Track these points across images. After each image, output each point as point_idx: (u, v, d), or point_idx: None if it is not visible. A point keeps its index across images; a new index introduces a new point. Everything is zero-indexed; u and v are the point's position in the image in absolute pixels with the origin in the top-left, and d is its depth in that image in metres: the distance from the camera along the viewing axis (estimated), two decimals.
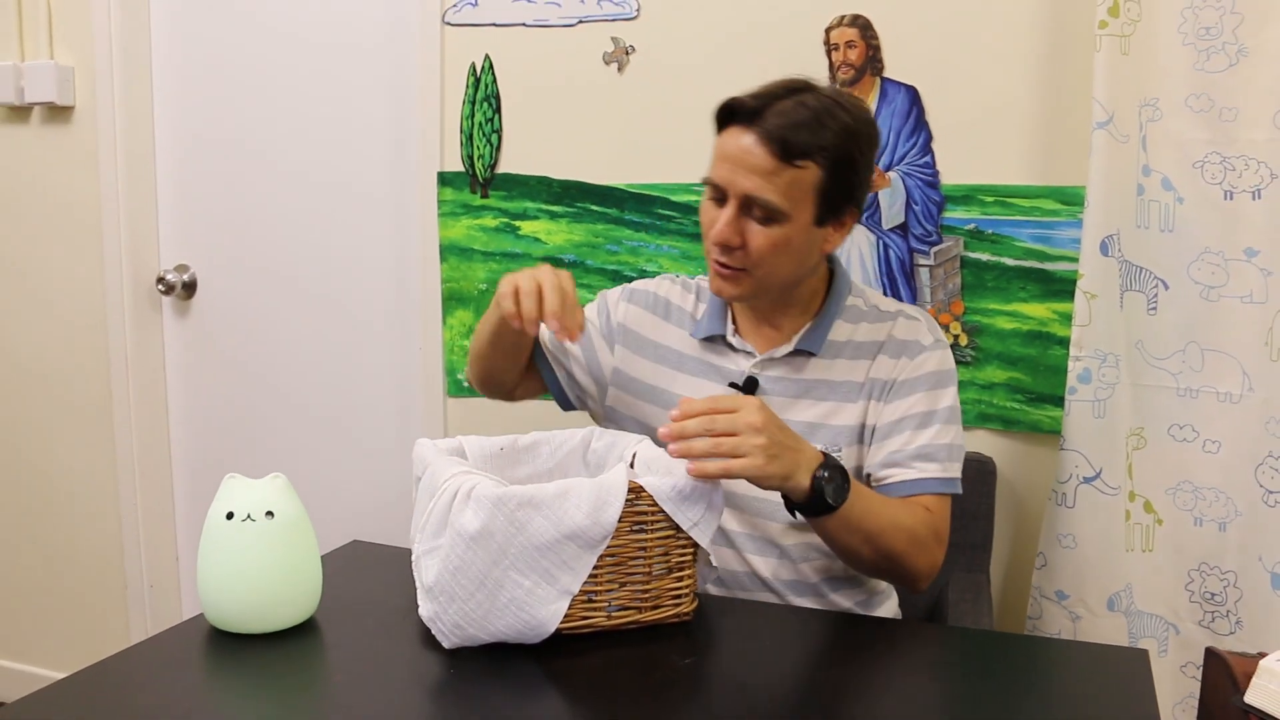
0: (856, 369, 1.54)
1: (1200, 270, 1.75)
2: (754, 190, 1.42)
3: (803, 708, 1.10)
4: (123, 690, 1.13)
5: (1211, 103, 1.71)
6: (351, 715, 1.08)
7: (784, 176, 1.41)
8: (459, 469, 1.23)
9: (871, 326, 1.57)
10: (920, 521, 1.44)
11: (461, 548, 1.16)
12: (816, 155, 1.41)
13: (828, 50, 2.03)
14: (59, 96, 2.59)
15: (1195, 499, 1.79)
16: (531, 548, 1.17)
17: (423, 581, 1.21)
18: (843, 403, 1.53)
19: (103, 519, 2.79)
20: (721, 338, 1.59)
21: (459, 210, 2.35)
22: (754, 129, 1.41)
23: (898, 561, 1.42)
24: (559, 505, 1.17)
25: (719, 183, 1.45)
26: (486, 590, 1.17)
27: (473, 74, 2.30)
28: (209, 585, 1.23)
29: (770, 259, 1.45)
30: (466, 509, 1.16)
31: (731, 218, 1.44)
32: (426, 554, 1.20)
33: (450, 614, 1.17)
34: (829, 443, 1.51)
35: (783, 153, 1.40)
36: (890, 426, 1.51)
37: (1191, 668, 1.81)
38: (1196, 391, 1.78)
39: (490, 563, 1.16)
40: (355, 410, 2.61)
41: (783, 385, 1.55)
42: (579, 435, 1.47)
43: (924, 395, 1.51)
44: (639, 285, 1.70)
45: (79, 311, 2.71)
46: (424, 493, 1.27)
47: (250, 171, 2.61)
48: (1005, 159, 1.96)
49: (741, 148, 1.42)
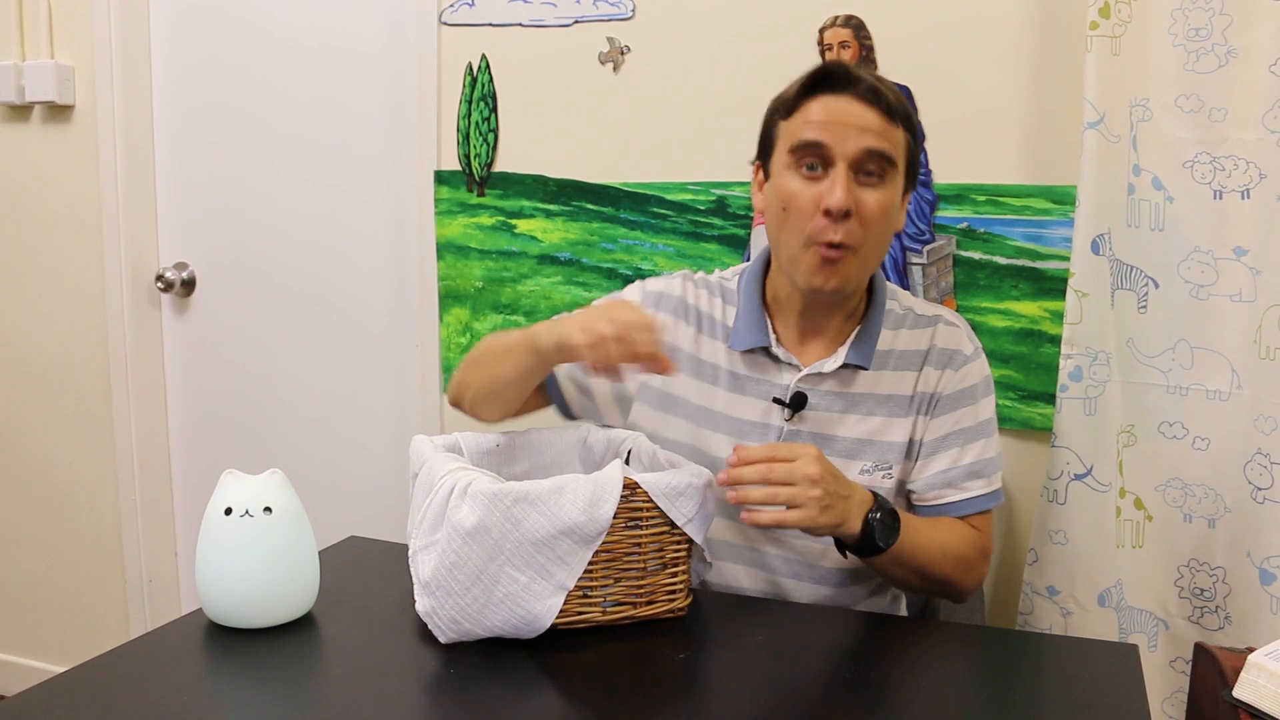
0: (903, 381, 1.50)
1: (1190, 269, 1.76)
2: (871, 142, 1.36)
3: (795, 703, 1.11)
4: (122, 684, 1.14)
5: (1201, 103, 1.73)
6: (349, 709, 1.09)
7: (890, 135, 1.38)
8: (455, 465, 1.23)
9: (911, 334, 1.52)
10: (968, 543, 1.46)
11: (458, 543, 1.17)
12: (905, 121, 1.41)
13: (821, 51, 2.04)
14: (59, 96, 2.60)
15: (1185, 495, 1.80)
16: (527, 543, 1.18)
17: (419, 576, 1.22)
18: (891, 418, 1.49)
19: (102, 514, 2.80)
20: (765, 349, 1.50)
21: (455, 209, 2.36)
22: (851, 92, 1.37)
23: (945, 585, 1.45)
24: (554, 501, 1.18)
25: (827, 141, 1.36)
26: (483, 585, 1.18)
27: (469, 73, 2.31)
28: (207, 580, 1.24)
29: (880, 227, 1.39)
30: (463, 505, 1.17)
31: (848, 181, 1.36)
32: (423, 549, 1.21)
33: (447, 609, 1.18)
34: (879, 460, 1.48)
35: (887, 112, 1.37)
36: (937, 443, 1.49)
37: (1181, 663, 1.82)
38: (1186, 389, 1.79)
39: (486, 558, 1.17)
40: (352, 407, 2.63)
41: (830, 400, 1.49)
42: (575, 432, 1.48)
43: (969, 409, 1.50)
44: (655, 287, 1.59)
45: (78, 309, 2.72)
46: (420, 488, 1.27)
47: (249, 170, 2.62)
48: (997, 158, 1.97)
49: (846, 108, 1.37)
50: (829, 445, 1.47)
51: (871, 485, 1.44)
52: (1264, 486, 1.72)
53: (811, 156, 1.38)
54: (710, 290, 1.58)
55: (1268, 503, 1.72)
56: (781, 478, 1.23)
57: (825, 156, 1.37)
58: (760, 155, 1.51)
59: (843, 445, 1.49)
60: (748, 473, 1.22)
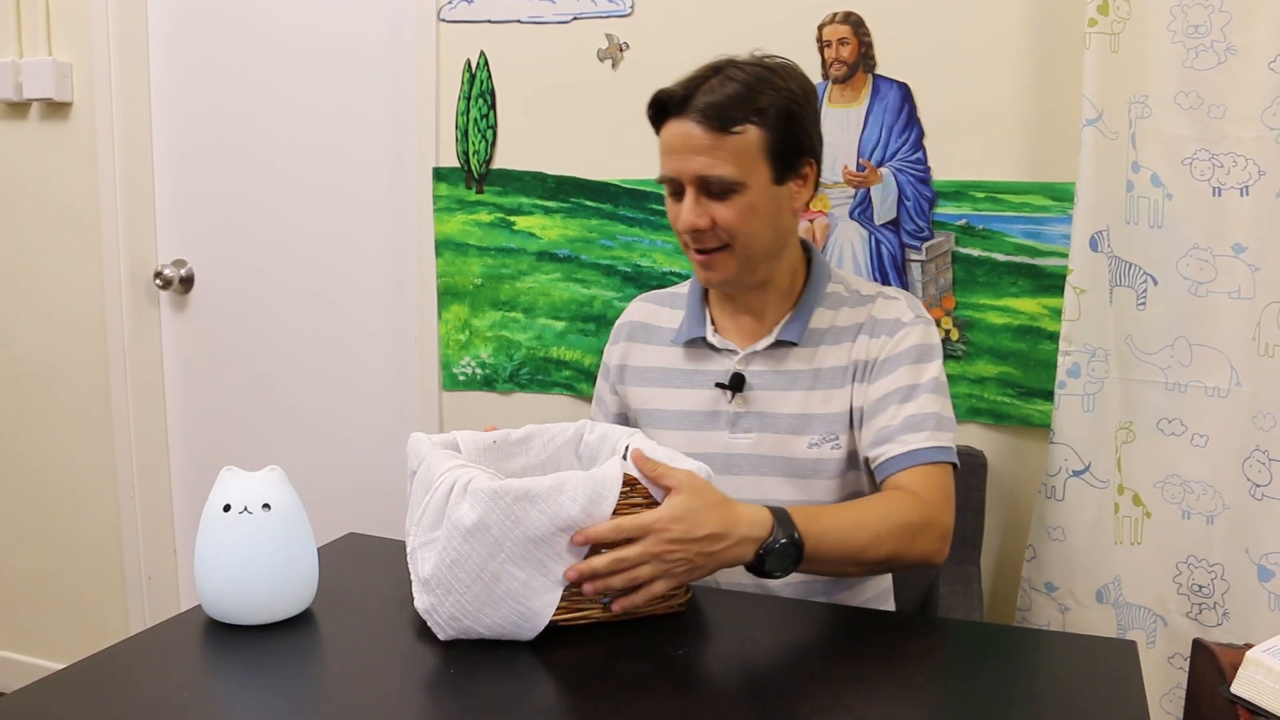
0: (839, 353, 1.55)
1: (1189, 266, 1.76)
2: (703, 169, 1.45)
3: (793, 698, 1.11)
4: (121, 681, 1.14)
5: (1200, 100, 1.73)
6: (348, 706, 1.09)
7: (727, 146, 1.44)
8: (454, 463, 1.23)
9: (852, 310, 1.58)
10: (908, 510, 1.41)
11: (458, 540, 1.17)
12: (751, 118, 1.44)
13: (820, 47, 2.04)
14: (57, 93, 2.60)
15: (1183, 492, 1.81)
16: (527, 540, 1.18)
17: (419, 574, 1.22)
18: (831, 389, 1.54)
19: (101, 512, 2.80)
20: (702, 340, 1.61)
21: (454, 206, 2.36)
22: (686, 115, 1.45)
23: (894, 562, 1.42)
24: (554, 498, 1.18)
25: (670, 175, 1.49)
26: (483, 583, 1.18)
27: (468, 70, 2.31)
28: (206, 577, 1.24)
29: (743, 228, 1.47)
30: (463, 502, 1.17)
31: (692, 203, 1.47)
32: (423, 546, 1.21)
33: (447, 606, 1.18)
34: (825, 433, 1.53)
35: (718, 125, 1.43)
36: (876, 404, 1.51)
37: (1179, 659, 1.83)
38: (1185, 386, 1.79)
39: (486, 555, 1.17)
40: (351, 403, 2.63)
41: (769, 378, 1.56)
42: (571, 428, 1.48)
43: (907, 369, 1.51)
44: (618, 323, 1.74)
45: (77, 306, 2.72)
46: (419, 486, 1.27)
47: (247, 167, 2.62)
48: (996, 155, 1.97)
49: (680, 135, 1.46)
50: (774, 423, 1.55)
51: (821, 457, 1.53)
52: (1262, 483, 1.72)
53: (669, 184, 1.52)
54: (660, 302, 1.72)
55: (1266, 499, 1.72)
56: (635, 559, 1.19)
57: (676, 183, 1.50)
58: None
59: (787, 421, 1.54)
60: (599, 565, 1.19)
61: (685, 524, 1.20)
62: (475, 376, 2.41)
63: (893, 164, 2.02)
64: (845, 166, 2.05)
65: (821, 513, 1.36)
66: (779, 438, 1.55)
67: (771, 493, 1.53)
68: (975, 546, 1.96)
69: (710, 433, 1.58)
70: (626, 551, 1.20)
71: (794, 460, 1.54)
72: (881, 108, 2.02)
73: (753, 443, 1.56)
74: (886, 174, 2.03)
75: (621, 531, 1.19)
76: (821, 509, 1.40)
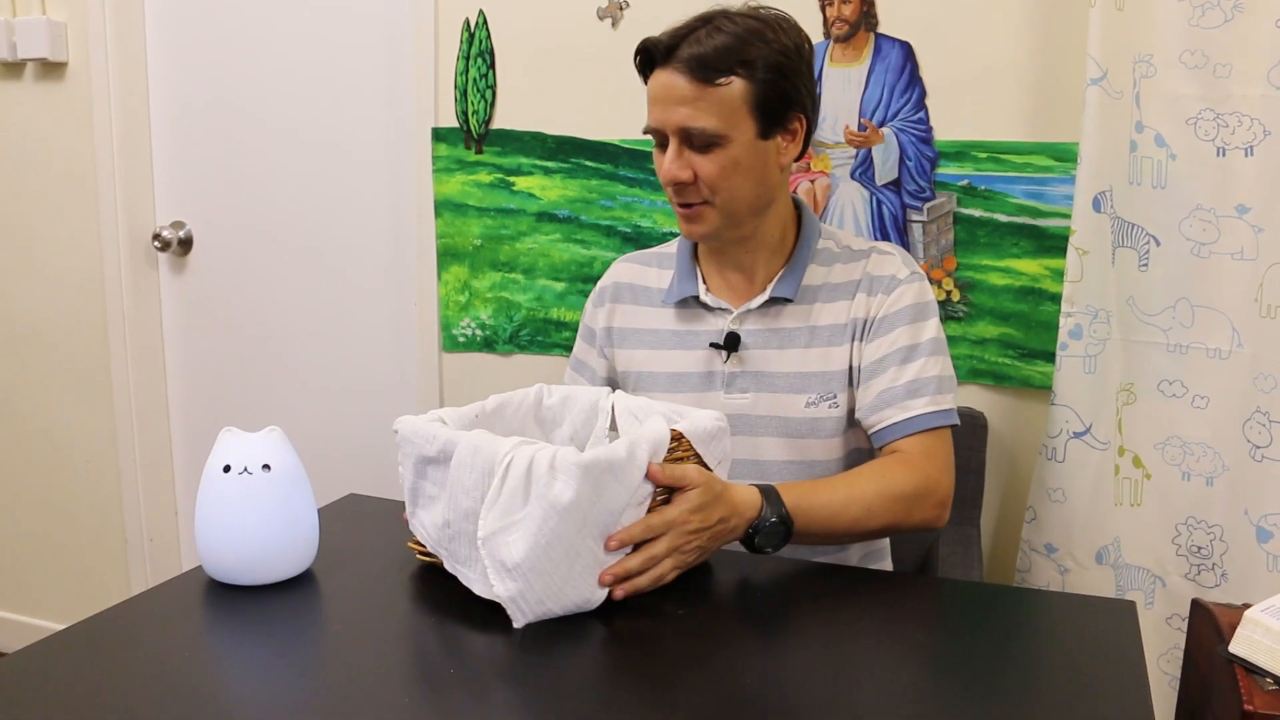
0: (837, 311, 1.54)
1: (1192, 227, 1.75)
2: (685, 120, 1.43)
3: (794, 658, 1.11)
4: (122, 641, 1.15)
5: (1206, 59, 1.71)
6: (348, 665, 1.09)
7: (709, 99, 1.42)
8: (514, 440, 1.18)
9: (845, 267, 1.56)
10: (902, 480, 1.43)
11: (554, 520, 1.12)
12: (738, 70, 1.42)
13: (822, 5, 2.02)
14: (52, 53, 2.58)
15: (1184, 454, 1.81)
16: (606, 512, 1.16)
17: (501, 560, 1.13)
18: (829, 347, 1.53)
19: (102, 473, 2.81)
20: (695, 299, 1.59)
21: (453, 166, 2.35)
22: (671, 65, 1.43)
23: (892, 531, 1.46)
24: (629, 469, 1.16)
25: (655, 126, 1.47)
26: (568, 561, 1.14)
27: (467, 29, 2.29)
28: (207, 538, 1.24)
29: (724, 183, 1.45)
30: (556, 479, 1.12)
31: (675, 154, 1.45)
32: (503, 530, 1.14)
33: (536, 591, 1.13)
34: (823, 391, 1.52)
35: (702, 76, 1.41)
36: (874, 365, 1.50)
37: (1177, 619, 1.83)
38: (1186, 347, 1.79)
39: (575, 532, 1.14)
40: (351, 365, 2.62)
41: (764, 337, 1.55)
42: (531, 394, 1.45)
43: (906, 329, 1.50)
44: (600, 285, 1.71)
45: (75, 269, 2.72)
46: (463, 470, 1.18)
47: (245, 128, 2.61)
48: (999, 115, 1.95)
49: (664, 85, 1.44)
50: (770, 382, 1.54)
51: (819, 416, 1.52)
52: (1262, 445, 1.72)
53: (654, 135, 1.49)
54: (645, 263, 1.69)
55: (1266, 461, 1.72)
56: (663, 555, 1.21)
57: (660, 135, 1.48)
58: None
59: (784, 380, 1.53)
60: (634, 565, 1.19)
61: (701, 514, 1.23)
62: (475, 338, 2.40)
63: (894, 124, 2.01)
64: (847, 126, 2.04)
65: (812, 489, 1.38)
66: (775, 397, 1.53)
67: (768, 453, 1.53)
68: (975, 507, 1.96)
69: (705, 394, 1.57)
70: (656, 548, 1.20)
71: (790, 420, 1.53)
72: (883, 67, 2.00)
73: (749, 403, 1.55)
74: (888, 134, 2.01)
75: (651, 530, 1.20)
76: (813, 485, 1.40)
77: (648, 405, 1.38)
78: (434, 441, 1.22)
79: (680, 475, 1.22)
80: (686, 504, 1.22)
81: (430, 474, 1.24)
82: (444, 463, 1.21)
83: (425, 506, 1.26)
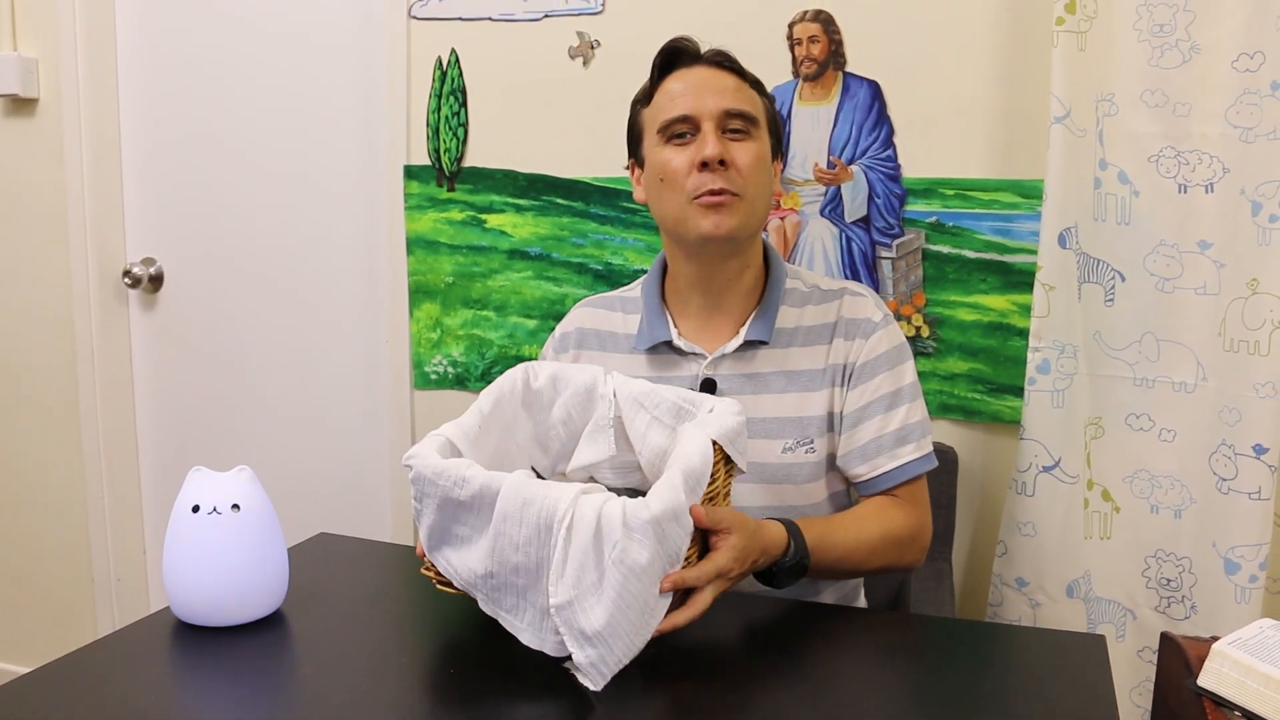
0: (814, 355, 1.52)
1: (1155, 262, 1.78)
2: (730, 103, 1.45)
3: (765, 694, 1.11)
4: (89, 684, 1.13)
5: (1166, 98, 1.74)
6: (319, 707, 1.08)
7: (746, 91, 1.48)
8: (572, 490, 1.11)
9: (818, 308, 1.54)
10: (900, 525, 1.47)
11: (634, 583, 1.07)
12: (758, 85, 1.52)
13: (791, 45, 2.04)
14: (23, 88, 2.57)
15: (1152, 487, 1.82)
16: (668, 558, 1.12)
17: (580, 628, 1.08)
18: (806, 392, 1.50)
19: (69, 512, 2.78)
20: (667, 344, 1.54)
21: (425, 203, 2.35)
22: (702, 62, 1.49)
23: (885, 571, 1.49)
24: (684, 511, 1.12)
25: (689, 112, 1.45)
26: (643, 616, 1.10)
27: (439, 68, 2.30)
28: (175, 578, 1.23)
29: (755, 175, 1.45)
30: (632, 540, 1.07)
31: (715, 136, 1.43)
32: (580, 598, 1.08)
33: (616, 653, 1.08)
34: (799, 436, 1.49)
35: (740, 72, 1.49)
36: (859, 413, 1.49)
37: (1148, 652, 1.84)
38: (1153, 381, 1.81)
39: (648, 587, 1.10)
40: (322, 403, 2.61)
41: (739, 383, 1.51)
42: (518, 380, 1.40)
43: (887, 376, 1.50)
44: (561, 331, 1.66)
45: (45, 305, 2.70)
46: (510, 521, 1.11)
47: (217, 164, 2.60)
48: (966, 153, 1.98)
49: (702, 76, 1.48)
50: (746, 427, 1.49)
51: (795, 461, 1.49)
52: (1228, 477, 1.74)
53: (679, 127, 1.46)
54: (609, 307, 1.64)
55: (1232, 493, 1.74)
56: (708, 605, 1.19)
57: (692, 123, 1.45)
58: (631, 151, 1.58)
59: (760, 426, 1.49)
60: (681, 621, 1.15)
61: (742, 559, 1.22)
62: (447, 375, 2.40)
63: (863, 161, 2.03)
64: (816, 164, 2.06)
65: (828, 528, 1.39)
66: (751, 443, 1.48)
67: (743, 498, 1.49)
68: (946, 543, 1.97)
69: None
70: (704, 597, 1.18)
71: (766, 466, 1.49)
72: (852, 105, 2.03)
73: None
74: (857, 171, 2.04)
75: (704, 578, 1.17)
76: (827, 524, 1.41)
77: (652, 391, 1.34)
78: (466, 485, 1.14)
79: (719, 519, 1.20)
80: (732, 550, 1.20)
81: (462, 517, 1.16)
82: (478, 509, 1.14)
83: (456, 548, 1.18)
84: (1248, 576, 1.73)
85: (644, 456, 1.34)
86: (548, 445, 1.42)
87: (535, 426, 1.41)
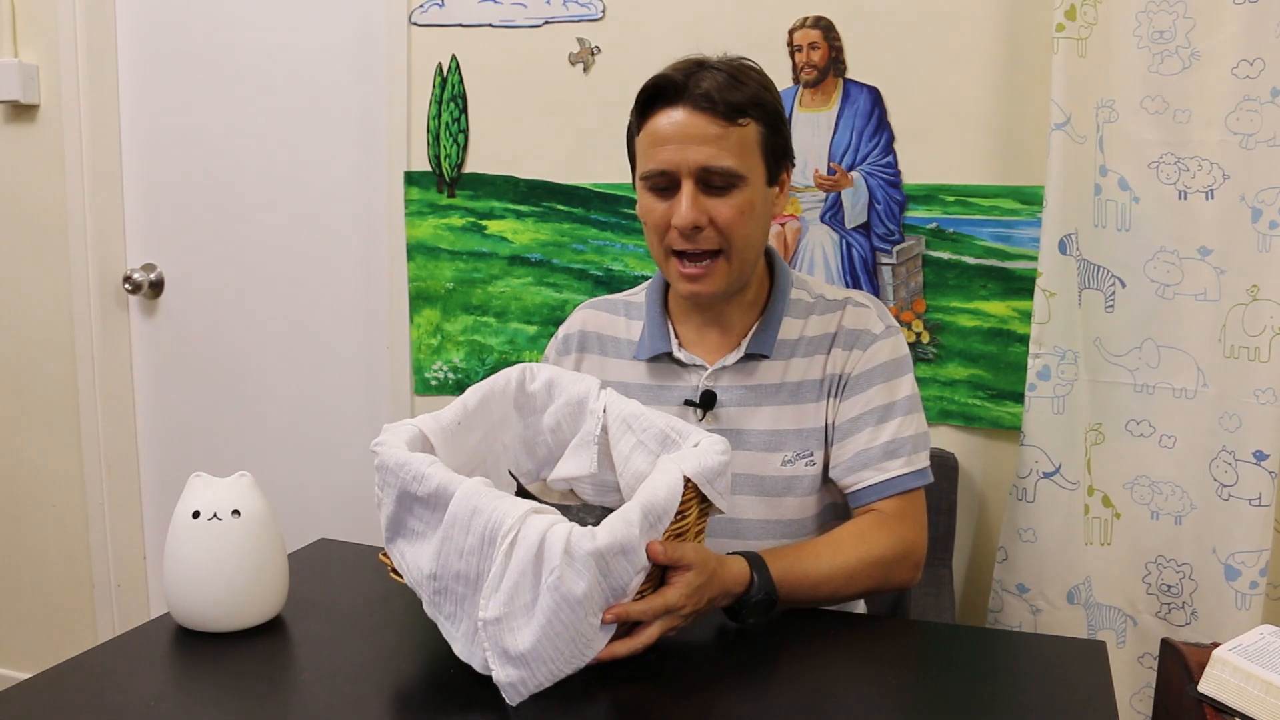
0: (813, 366, 1.49)
1: (1156, 269, 1.78)
2: (709, 160, 1.36)
3: (769, 701, 1.11)
4: (89, 689, 1.13)
5: (1166, 105, 1.75)
6: (320, 712, 1.08)
7: (731, 138, 1.37)
8: (522, 507, 1.10)
9: (821, 319, 1.51)
10: (884, 545, 1.40)
11: (567, 612, 1.06)
12: (752, 110, 1.38)
13: (791, 51, 2.05)
14: (23, 95, 2.57)
15: (1152, 493, 1.82)
16: (611, 591, 1.10)
17: (506, 648, 1.08)
18: (805, 404, 1.48)
19: (70, 518, 2.78)
20: (668, 355, 1.52)
21: (426, 210, 2.35)
22: (684, 103, 1.37)
23: (871, 593, 1.43)
24: (639, 549, 1.11)
25: (667, 167, 1.38)
26: (572, 645, 1.09)
27: (439, 74, 2.31)
28: (175, 584, 1.23)
29: (740, 229, 1.39)
30: (571, 569, 1.06)
31: (692, 199, 1.37)
32: (509, 617, 1.07)
33: (538, 677, 1.08)
34: (799, 449, 1.47)
35: (725, 114, 1.36)
36: (850, 424, 1.46)
37: (1149, 658, 1.84)
38: (1153, 388, 1.81)
39: (583, 618, 1.08)
40: (322, 409, 2.61)
41: (739, 394, 1.49)
42: (514, 379, 1.39)
43: (881, 388, 1.47)
44: (564, 333, 1.64)
45: (45, 311, 2.70)
46: (457, 529, 1.11)
47: (217, 171, 2.61)
48: (966, 159, 1.98)
49: (681, 123, 1.37)
50: (745, 440, 1.47)
51: (795, 474, 1.47)
52: (1229, 483, 1.74)
53: (659, 180, 1.40)
54: (613, 310, 1.62)
55: (1232, 499, 1.74)
56: (654, 639, 1.17)
57: (670, 177, 1.39)
58: (631, 167, 1.51)
59: (759, 438, 1.47)
60: (621, 651, 1.14)
61: (695, 596, 1.19)
62: (447, 381, 2.40)
63: (863, 168, 2.03)
64: (816, 170, 2.06)
65: (797, 557, 1.34)
66: (750, 455, 1.48)
67: (743, 511, 1.48)
68: (947, 549, 1.97)
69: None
70: (650, 631, 1.16)
71: (766, 478, 1.48)
72: (852, 112, 2.03)
73: None
74: (857, 178, 2.04)
75: (650, 613, 1.15)
76: (797, 552, 1.35)
77: (642, 414, 1.31)
78: (423, 482, 1.14)
79: (679, 556, 1.17)
80: (685, 587, 1.17)
81: (417, 511, 1.17)
82: (434, 506, 1.14)
83: (409, 540, 1.18)
84: (1248, 583, 1.73)
85: (624, 479, 1.31)
86: (534, 450, 1.41)
87: (525, 429, 1.41)
